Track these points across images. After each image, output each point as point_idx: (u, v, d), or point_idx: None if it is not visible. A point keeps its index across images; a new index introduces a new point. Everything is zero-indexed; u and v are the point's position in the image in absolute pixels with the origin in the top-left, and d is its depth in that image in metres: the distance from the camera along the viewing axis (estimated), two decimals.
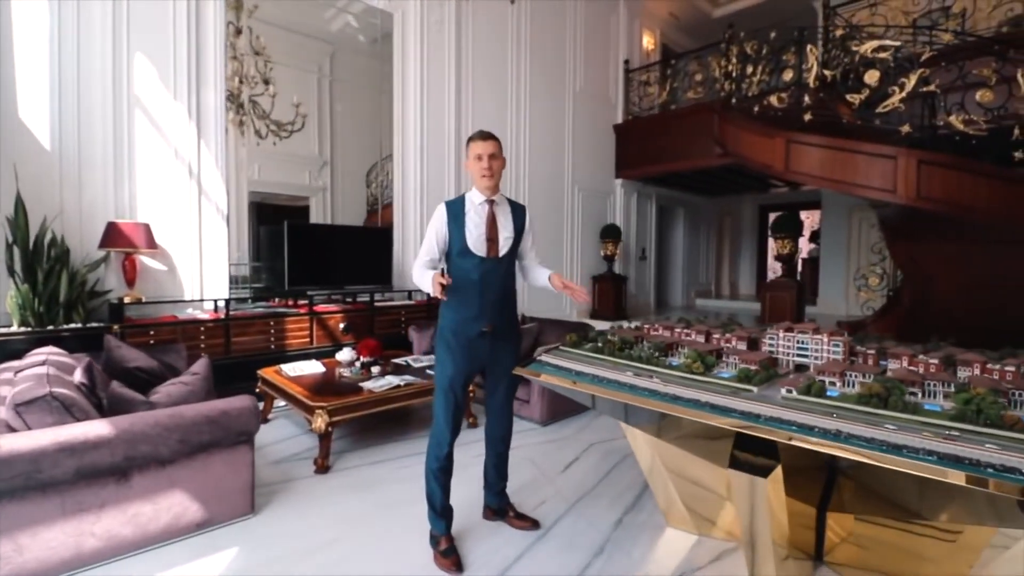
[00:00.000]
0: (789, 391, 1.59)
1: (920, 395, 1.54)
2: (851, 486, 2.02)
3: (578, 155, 7.35)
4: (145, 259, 3.72)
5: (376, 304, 4.78)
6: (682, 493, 2.27)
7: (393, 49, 5.27)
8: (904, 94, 3.65)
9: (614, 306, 7.46)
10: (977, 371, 1.67)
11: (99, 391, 2.35)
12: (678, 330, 2.40)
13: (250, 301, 4.47)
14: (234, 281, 4.29)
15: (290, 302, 4.53)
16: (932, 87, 3.59)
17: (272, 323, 4.08)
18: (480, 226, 2.04)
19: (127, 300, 3.47)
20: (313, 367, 3.55)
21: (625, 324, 2.63)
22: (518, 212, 2.17)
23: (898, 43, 3.76)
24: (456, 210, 2.04)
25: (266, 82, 4.75)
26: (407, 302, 5.14)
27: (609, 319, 6.94)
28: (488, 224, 2.05)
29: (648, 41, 8.71)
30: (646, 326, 2.56)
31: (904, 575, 1.96)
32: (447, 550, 2.03)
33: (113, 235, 3.40)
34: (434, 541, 2.08)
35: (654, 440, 2.24)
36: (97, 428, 1.85)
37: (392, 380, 3.21)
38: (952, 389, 1.52)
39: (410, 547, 2.12)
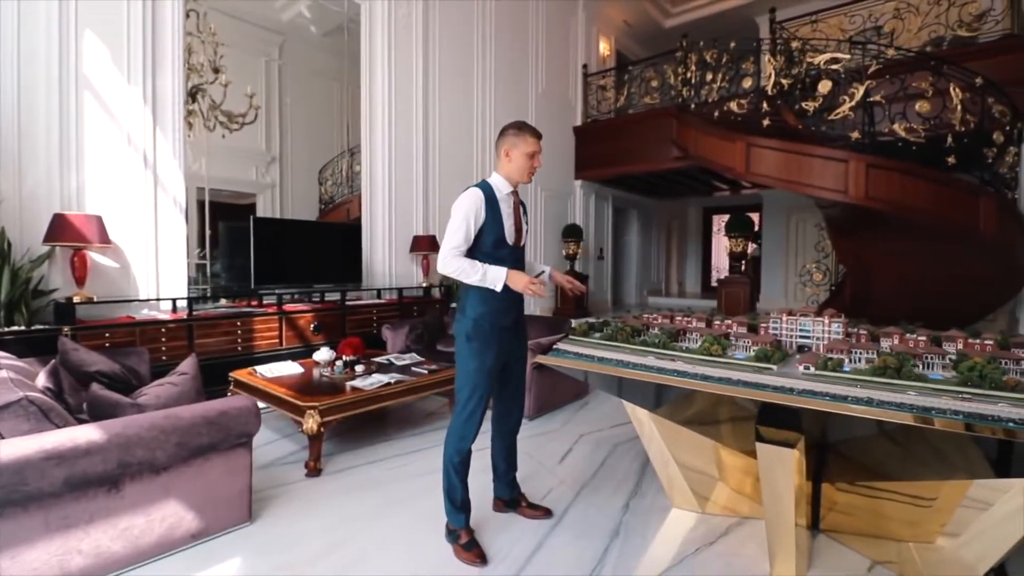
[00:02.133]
0: (807, 368, 1.70)
1: (921, 367, 1.69)
2: (841, 458, 2.19)
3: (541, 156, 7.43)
4: (96, 255, 3.39)
5: (347, 303, 4.61)
6: (685, 474, 2.36)
7: (360, 42, 5.14)
8: (854, 103, 4.01)
9: (575, 304, 7.61)
10: (960, 346, 1.86)
11: (67, 396, 2.13)
12: (679, 318, 2.49)
13: (209, 300, 4.19)
14: (190, 281, 4.00)
15: (255, 301, 4.28)
16: (878, 98, 3.97)
17: (239, 323, 3.83)
18: (511, 216, 2.05)
19: (77, 300, 3.15)
20: (290, 368, 3.37)
21: (592, 320, 2.72)
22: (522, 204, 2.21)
23: (848, 55, 4.13)
24: (491, 197, 2.01)
25: (216, 71, 4.47)
26: (377, 300, 5.00)
27: (571, 316, 7.06)
28: (516, 214, 2.07)
29: (604, 47, 8.98)
30: (646, 315, 2.64)
31: (889, 537, 2.14)
32: (469, 543, 1.99)
33: (60, 228, 3.07)
34: (453, 536, 2.04)
35: (659, 426, 2.32)
36: (88, 433, 1.67)
37: (381, 378, 3.11)
38: (947, 361, 1.69)
39: (422, 545, 2.07)
